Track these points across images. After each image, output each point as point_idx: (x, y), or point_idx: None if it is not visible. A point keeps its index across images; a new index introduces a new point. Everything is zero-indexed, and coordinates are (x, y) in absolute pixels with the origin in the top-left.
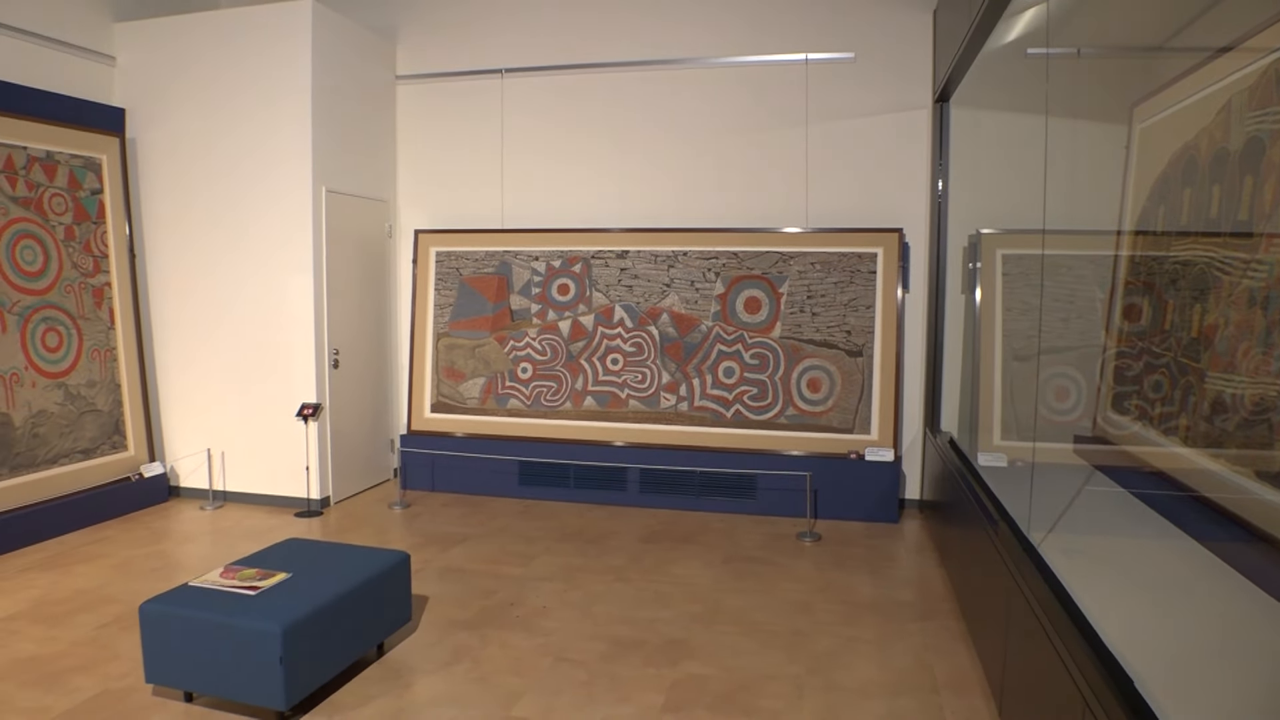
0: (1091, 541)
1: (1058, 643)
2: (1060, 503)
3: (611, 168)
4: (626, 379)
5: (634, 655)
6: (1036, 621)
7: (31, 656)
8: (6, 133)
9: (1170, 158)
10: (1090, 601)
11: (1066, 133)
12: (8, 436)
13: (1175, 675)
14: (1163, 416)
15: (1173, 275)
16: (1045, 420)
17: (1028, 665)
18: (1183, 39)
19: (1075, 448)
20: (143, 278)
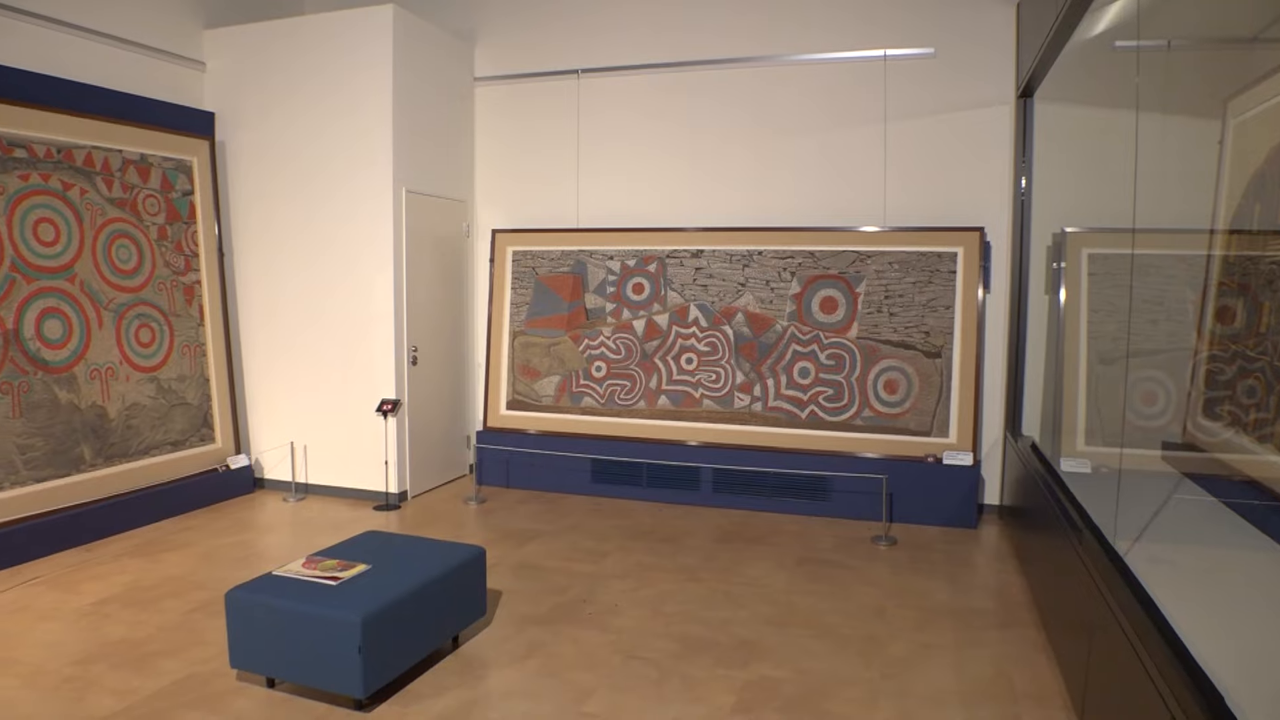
0: (1181, 552)
1: (1144, 656)
2: (1147, 511)
3: (687, 167)
4: (700, 378)
5: (705, 655)
6: (1121, 633)
7: (122, 639)
8: (104, 136)
9: (1268, 153)
10: (1179, 614)
11: (1156, 128)
12: (103, 428)
13: (1268, 693)
14: (1257, 423)
15: (1269, 276)
16: (1132, 425)
17: (1112, 678)
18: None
19: (1163, 454)
20: (230, 276)
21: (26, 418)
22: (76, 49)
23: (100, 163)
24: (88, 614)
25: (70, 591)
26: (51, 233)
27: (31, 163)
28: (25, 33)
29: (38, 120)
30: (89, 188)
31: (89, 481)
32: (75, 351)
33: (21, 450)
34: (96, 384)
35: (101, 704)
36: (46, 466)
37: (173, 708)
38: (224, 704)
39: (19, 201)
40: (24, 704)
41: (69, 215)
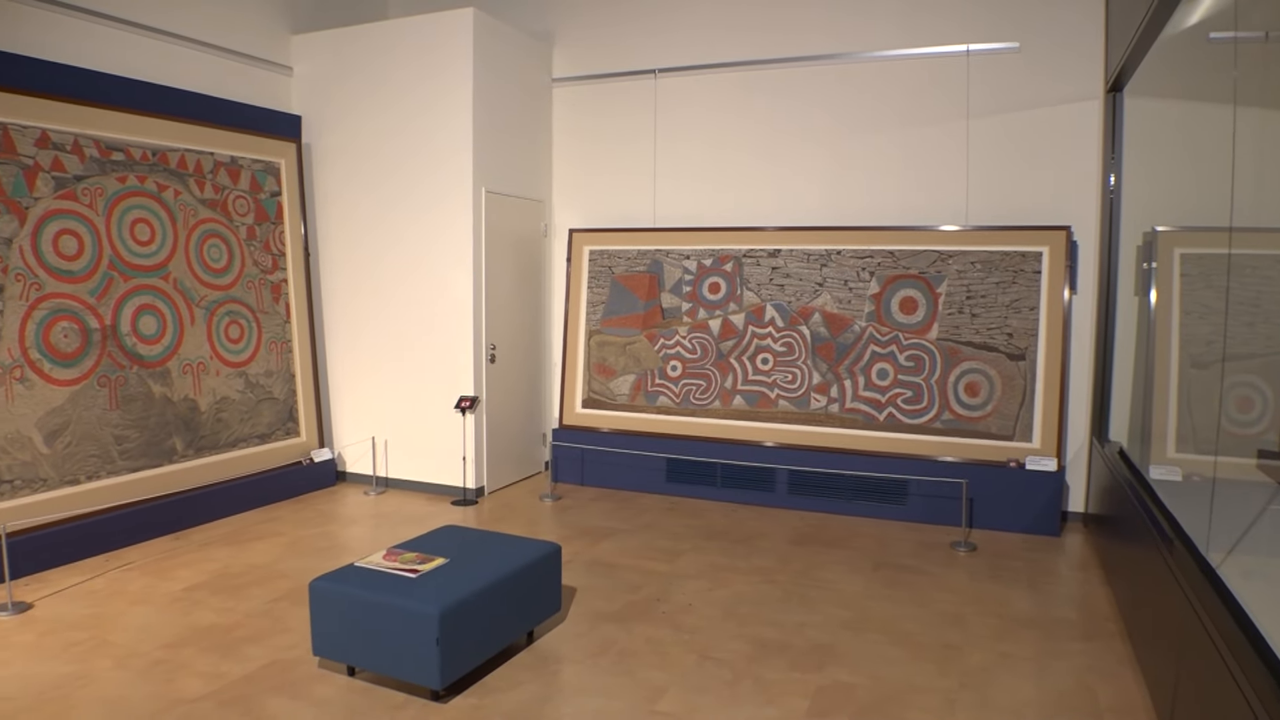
0: (1277, 565)
1: (1237, 673)
2: (1242, 521)
3: (764, 165)
4: (776, 379)
5: (779, 658)
6: (1213, 648)
7: (211, 625)
8: (196, 140)
9: None
10: (1275, 630)
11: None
12: (194, 420)
13: None
14: None
15: None
16: (1226, 432)
17: (1201, 695)
18: None
19: (1260, 463)
20: (316, 274)
21: (123, 410)
22: (173, 56)
23: (193, 165)
24: (178, 599)
25: (162, 577)
26: (147, 232)
27: (129, 165)
28: (126, 41)
29: (135, 124)
30: (182, 189)
31: (180, 472)
32: (169, 347)
33: (118, 441)
34: (188, 378)
35: (190, 686)
36: (141, 457)
37: (258, 692)
38: (306, 690)
39: (117, 202)
40: (117, 684)
41: (164, 216)
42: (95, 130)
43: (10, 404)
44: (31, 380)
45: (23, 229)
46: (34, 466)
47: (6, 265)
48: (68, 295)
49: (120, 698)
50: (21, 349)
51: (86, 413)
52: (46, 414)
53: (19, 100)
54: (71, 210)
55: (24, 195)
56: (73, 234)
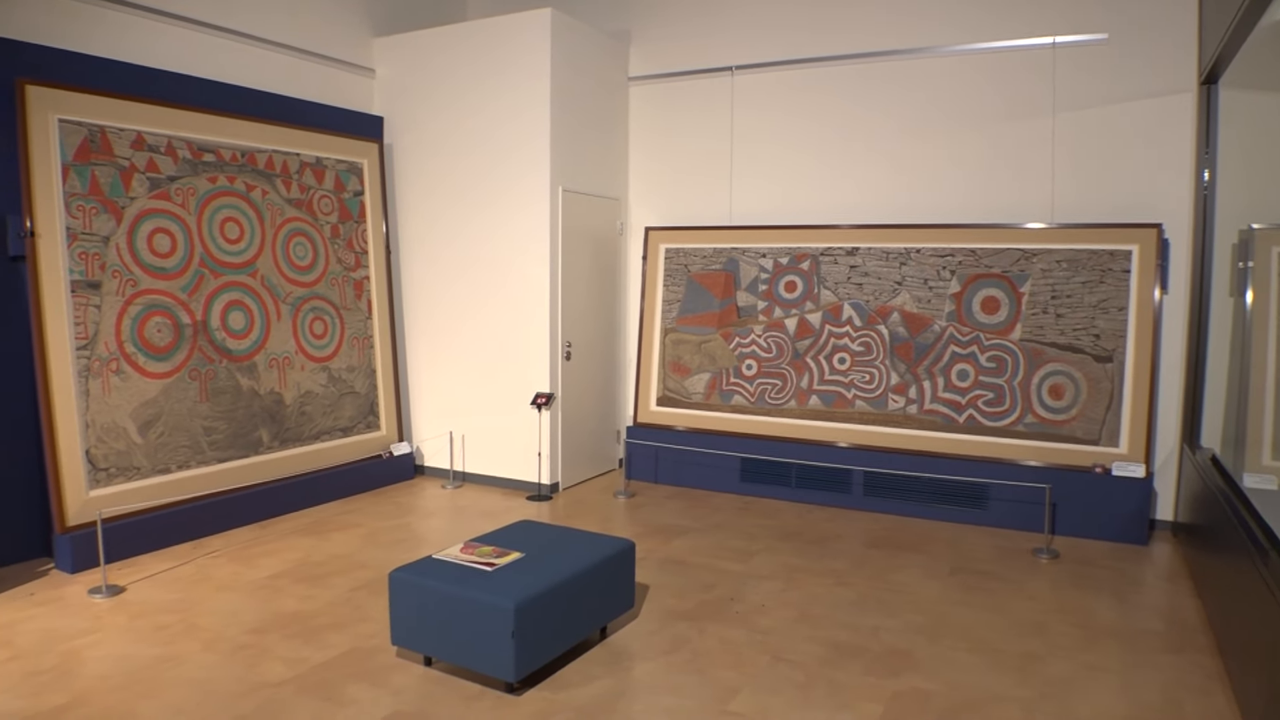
0: None
1: None
2: None
3: (841, 163)
4: (853, 379)
5: (854, 662)
6: None
7: (293, 612)
8: (283, 141)
9: None
10: None
11: None
12: (279, 413)
13: None
14: None
15: None
16: None
17: None
18: None
19: None
20: (396, 272)
21: (212, 402)
22: (261, 60)
23: (280, 165)
24: (262, 587)
25: (247, 565)
26: (236, 231)
27: (219, 166)
28: (217, 45)
29: (225, 126)
30: (269, 189)
31: (265, 463)
32: (256, 342)
33: (207, 432)
34: (275, 372)
35: (273, 671)
36: (229, 448)
37: (338, 679)
38: (384, 678)
39: (208, 202)
40: (205, 667)
41: (252, 215)
42: (188, 132)
43: (107, 395)
44: (127, 373)
45: (119, 227)
46: (128, 455)
47: (104, 262)
48: (161, 291)
49: (207, 680)
50: (118, 343)
51: (178, 404)
52: (140, 405)
53: (116, 104)
54: (165, 210)
55: (120, 195)
56: (166, 232)
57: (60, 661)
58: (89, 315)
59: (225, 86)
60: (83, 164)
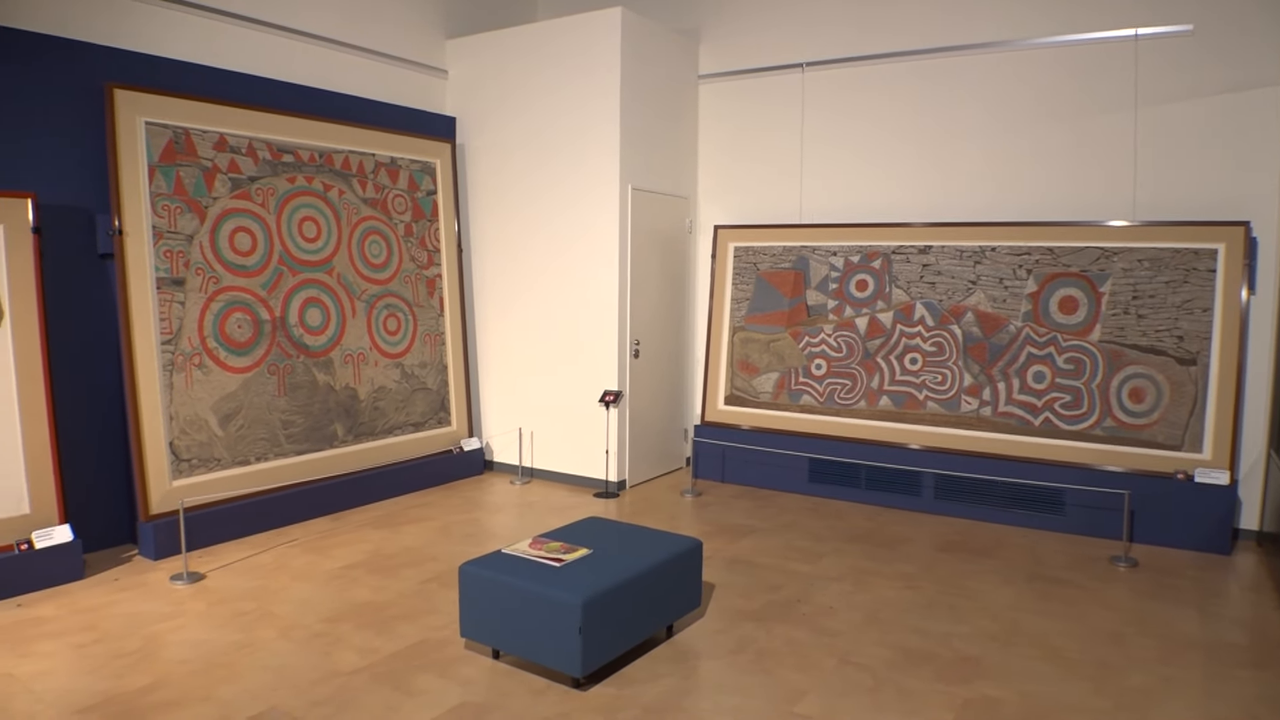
0: None
1: None
2: None
3: (915, 159)
4: (925, 379)
5: (924, 668)
6: None
7: (366, 602)
8: (359, 142)
9: None
10: None
11: None
12: (353, 407)
13: None
14: None
15: None
16: None
17: None
18: None
19: None
20: (468, 270)
21: (289, 396)
22: (338, 63)
23: (356, 166)
24: (336, 577)
25: (322, 555)
26: (314, 230)
27: (298, 166)
28: (295, 49)
29: (304, 128)
30: (346, 189)
31: (340, 456)
32: (332, 338)
33: (284, 425)
34: (349, 368)
35: (346, 659)
36: (305, 441)
37: (408, 669)
38: (453, 670)
39: (287, 202)
40: (281, 654)
41: (329, 214)
42: (268, 134)
43: (189, 389)
44: (209, 367)
45: (202, 226)
46: (209, 447)
47: (188, 260)
48: (242, 288)
49: (283, 666)
50: (200, 338)
51: (257, 398)
52: (221, 398)
53: (200, 106)
54: (246, 209)
55: (203, 195)
56: (247, 231)
57: (143, 645)
58: (173, 311)
59: (304, 89)
60: (168, 165)
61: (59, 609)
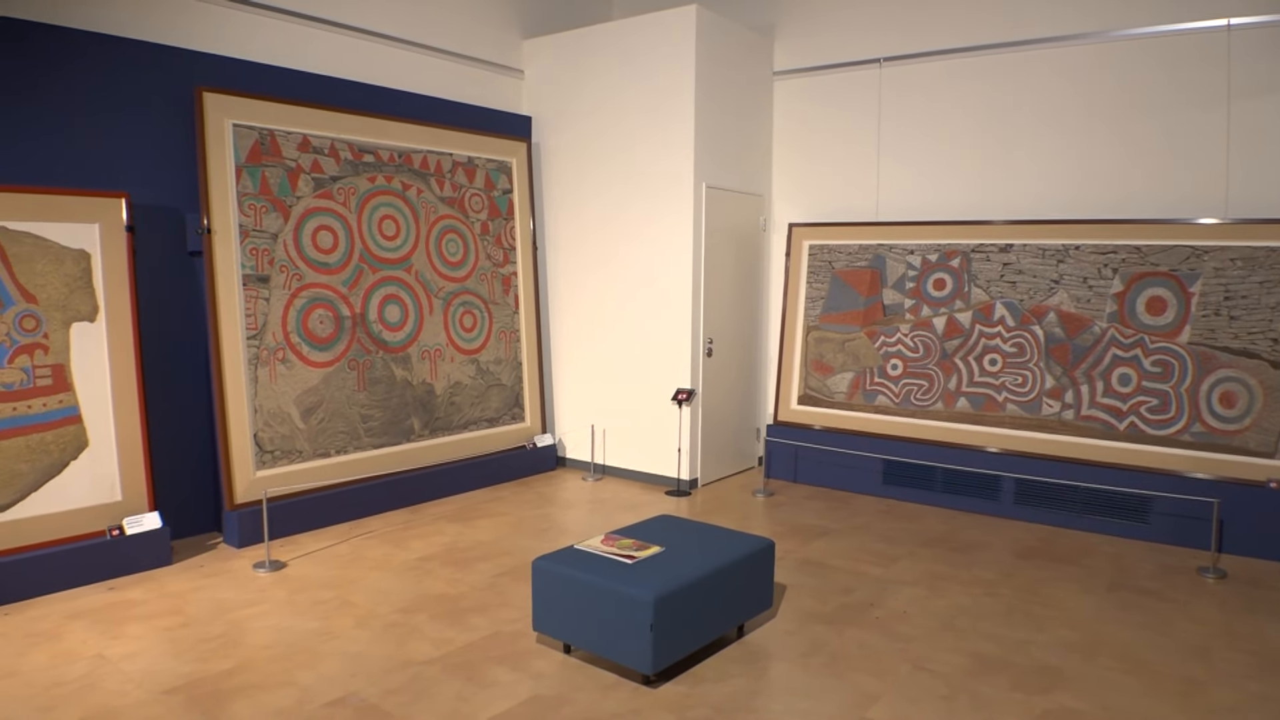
0: None
1: None
2: None
3: (995, 156)
4: (1005, 381)
5: (1000, 676)
6: None
7: (440, 594)
8: (437, 141)
9: None
10: None
11: None
12: (430, 402)
13: None
14: None
15: None
16: None
17: None
18: None
19: None
20: (542, 268)
21: (369, 391)
22: (417, 64)
23: (434, 165)
24: (412, 568)
25: (398, 547)
26: (393, 228)
27: (378, 166)
28: (375, 51)
29: (384, 129)
30: (424, 188)
31: (416, 450)
32: (410, 334)
33: (364, 419)
34: (426, 364)
35: (421, 649)
36: (383, 435)
37: (481, 661)
38: (525, 663)
39: (367, 201)
40: (358, 642)
41: (407, 213)
42: (349, 134)
43: (273, 383)
44: (292, 361)
45: (287, 225)
46: (292, 439)
47: (273, 258)
48: (324, 285)
49: (360, 654)
50: (284, 333)
51: (337, 392)
52: (303, 392)
53: (285, 109)
54: (328, 208)
55: (288, 195)
56: (329, 230)
57: (226, 630)
58: (258, 307)
59: (384, 90)
60: (254, 165)
61: (147, 593)
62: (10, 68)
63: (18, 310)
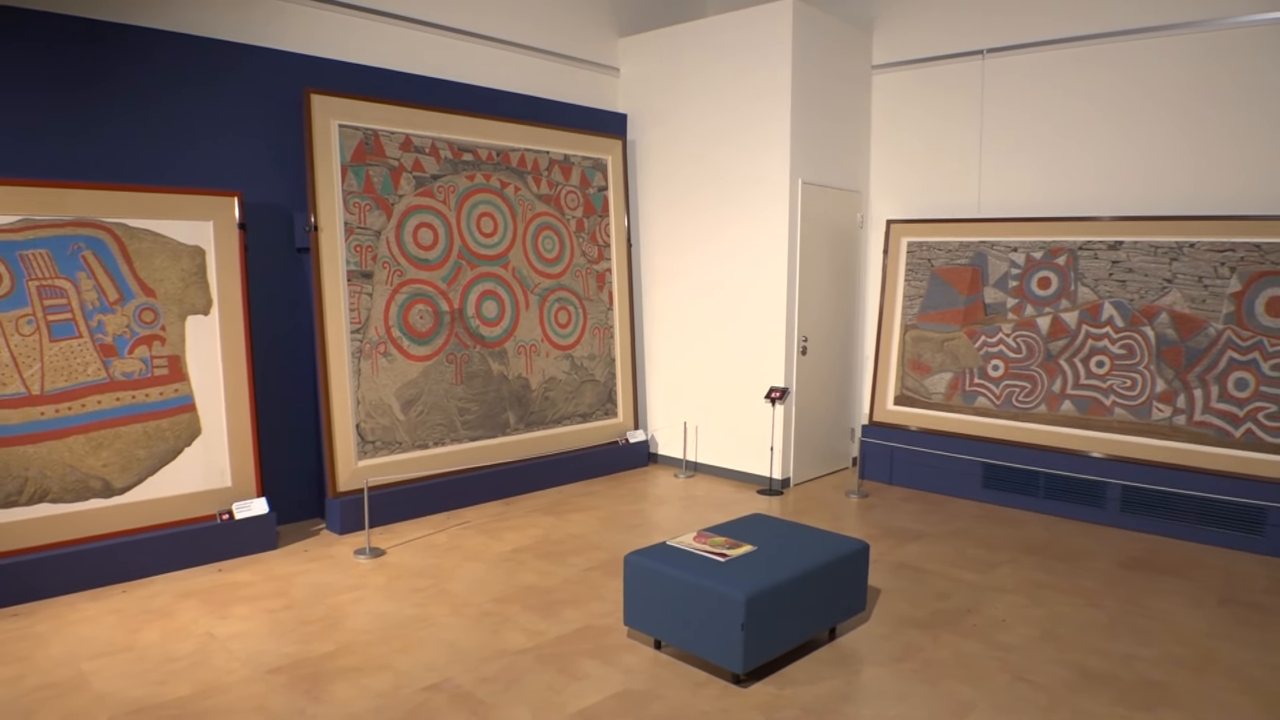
0: None
1: None
2: None
3: (1102, 149)
4: (1113, 384)
5: (1103, 690)
6: None
7: (533, 586)
8: (534, 140)
9: None
10: None
11: None
12: (525, 397)
13: None
14: None
15: None
16: None
17: None
18: None
19: None
20: (636, 264)
21: (466, 384)
22: (514, 63)
23: (531, 163)
24: (506, 559)
25: (493, 538)
26: (491, 225)
27: (477, 165)
28: (472, 51)
29: (482, 128)
30: (521, 185)
31: (511, 444)
32: (506, 329)
33: (461, 412)
34: (522, 359)
35: (514, 639)
36: (479, 428)
37: (572, 653)
38: (615, 657)
39: (467, 198)
40: (453, 629)
41: (505, 210)
42: (449, 134)
43: (375, 375)
44: (393, 355)
45: (389, 222)
46: (392, 431)
47: (376, 254)
48: (424, 281)
49: (454, 642)
50: (386, 327)
51: (436, 385)
52: (403, 385)
53: (388, 109)
54: (429, 206)
55: (390, 193)
56: (429, 227)
57: (328, 613)
58: (362, 302)
59: (483, 90)
60: (359, 164)
61: (254, 575)
62: (136, 73)
63: (137, 303)
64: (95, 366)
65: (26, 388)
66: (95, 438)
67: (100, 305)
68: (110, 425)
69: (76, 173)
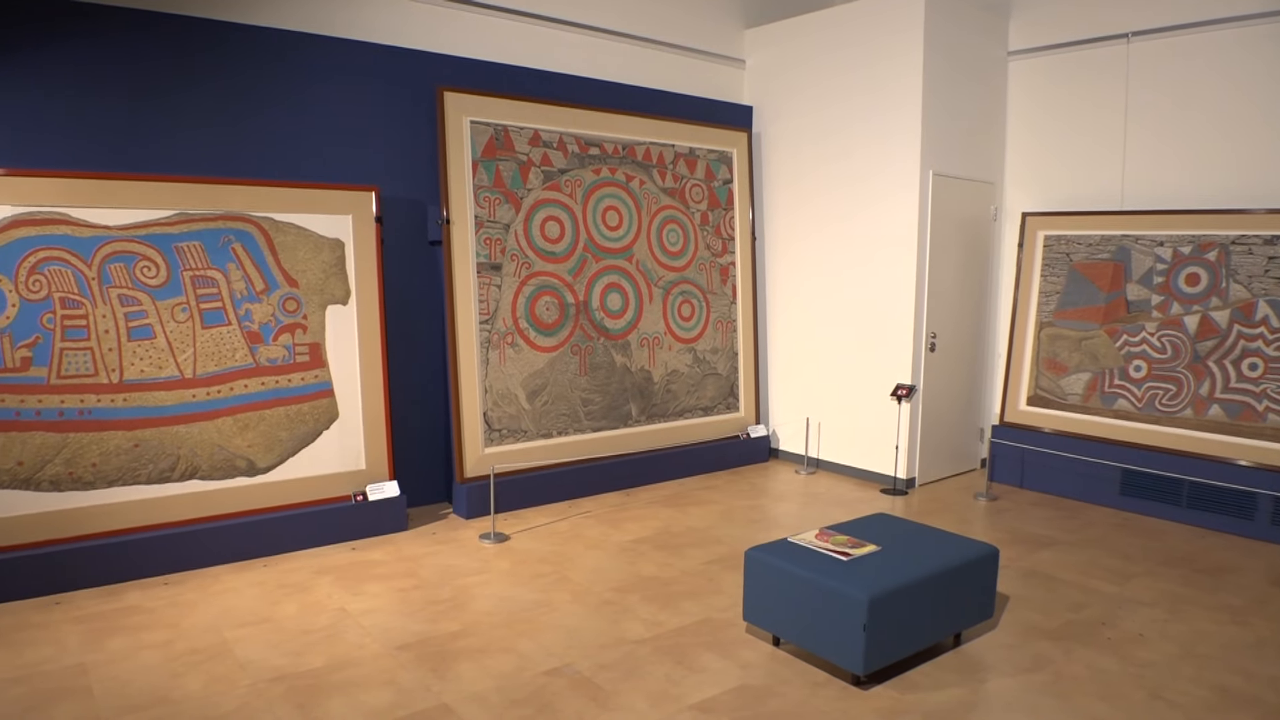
0: None
1: None
2: None
3: (1258, 137)
4: (1267, 388)
5: (1245, 714)
6: None
7: (652, 577)
8: (659, 133)
9: None
10: None
11: None
12: (648, 389)
13: None
14: None
15: None
16: None
17: None
18: None
19: None
20: (760, 258)
21: (590, 376)
22: (640, 57)
23: (656, 157)
24: (626, 550)
25: (613, 528)
26: (616, 219)
27: (603, 159)
28: (598, 46)
29: (609, 122)
30: (646, 179)
31: (633, 435)
32: (630, 322)
33: (584, 403)
34: (645, 351)
35: (633, 629)
36: (602, 419)
37: (691, 645)
38: (733, 651)
39: (593, 192)
40: (574, 616)
41: (630, 204)
42: (577, 128)
43: (502, 365)
44: (520, 346)
45: (518, 216)
46: (518, 419)
47: (504, 247)
48: (550, 274)
49: (575, 628)
50: (513, 318)
51: (561, 376)
52: (529, 375)
53: (517, 105)
54: (556, 199)
55: (519, 187)
56: (556, 220)
57: (454, 595)
58: (490, 294)
59: (609, 84)
60: (489, 159)
61: (385, 555)
62: (279, 72)
63: (281, 293)
64: (243, 352)
65: (180, 371)
66: (242, 419)
67: (248, 294)
68: (255, 408)
69: (225, 169)
